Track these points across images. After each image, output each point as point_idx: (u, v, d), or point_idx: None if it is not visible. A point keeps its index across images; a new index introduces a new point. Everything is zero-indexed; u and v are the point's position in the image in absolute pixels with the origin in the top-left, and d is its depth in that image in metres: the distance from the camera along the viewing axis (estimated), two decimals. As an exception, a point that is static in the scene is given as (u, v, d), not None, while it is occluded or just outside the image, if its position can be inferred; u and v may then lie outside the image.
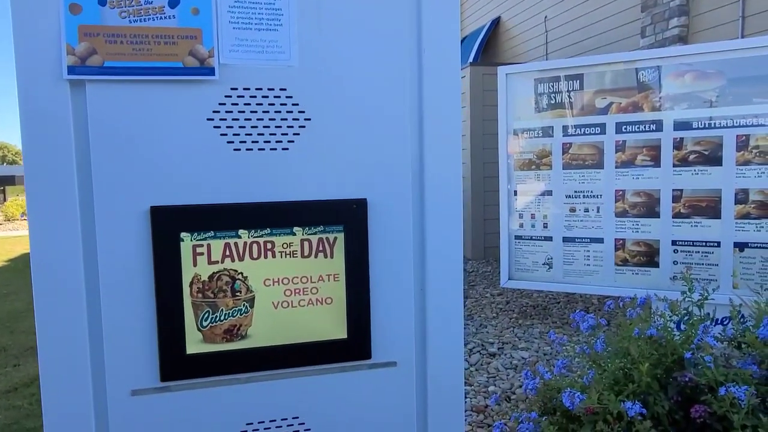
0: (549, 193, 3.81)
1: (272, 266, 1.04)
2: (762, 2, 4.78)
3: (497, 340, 3.67)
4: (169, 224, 0.99)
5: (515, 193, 3.95)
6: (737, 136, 3.17)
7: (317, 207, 1.05)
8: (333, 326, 1.08)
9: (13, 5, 0.92)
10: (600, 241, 3.63)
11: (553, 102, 3.77)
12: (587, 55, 7.19)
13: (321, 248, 1.06)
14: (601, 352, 1.91)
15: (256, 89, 1.01)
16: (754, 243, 3.17)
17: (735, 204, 3.19)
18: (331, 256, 1.07)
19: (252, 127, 1.02)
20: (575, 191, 3.71)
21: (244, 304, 1.03)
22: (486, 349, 3.50)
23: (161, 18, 0.96)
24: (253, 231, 1.03)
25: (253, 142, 1.02)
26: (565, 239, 3.76)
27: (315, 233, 1.05)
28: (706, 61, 3.23)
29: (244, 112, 1.01)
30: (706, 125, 3.26)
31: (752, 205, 3.17)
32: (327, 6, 1.03)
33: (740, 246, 3.19)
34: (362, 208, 1.07)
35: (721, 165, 3.22)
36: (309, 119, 1.04)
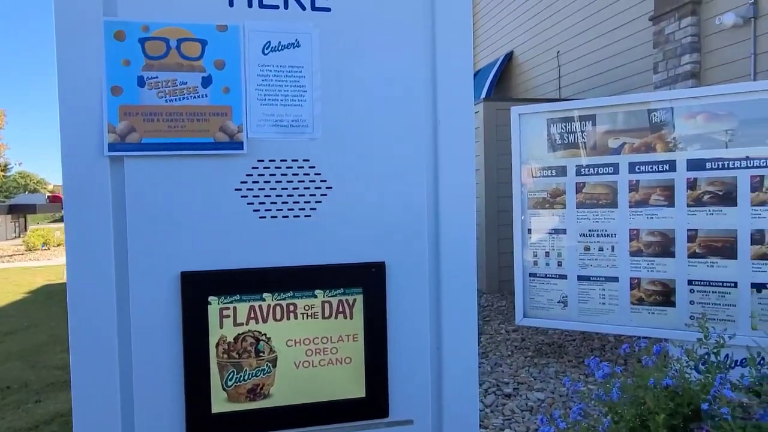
0: (563, 231, 3.84)
1: (294, 327, 1.09)
2: (773, 41, 4.83)
3: (512, 380, 3.65)
4: (198, 289, 1.04)
5: (529, 231, 3.98)
6: (751, 176, 3.18)
7: (338, 270, 1.10)
8: (352, 385, 1.11)
9: (61, 86, 1.00)
10: (615, 280, 3.63)
11: (566, 141, 3.82)
12: (600, 89, 7.26)
13: (341, 309, 1.11)
14: (617, 399, 1.91)
15: (281, 161, 1.08)
16: (772, 284, 3.15)
17: (751, 245, 3.19)
18: (351, 317, 1.11)
19: (277, 196, 1.08)
20: (589, 230, 3.73)
21: (267, 365, 1.08)
22: (501, 389, 3.48)
23: (195, 97, 1.04)
24: (276, 294, 1.08)
25: (277, 210, 1.08)
26: (580, 277, 3.77)
27: (335, 295, 1.10)
28: (718, 102, 3.27)
29: (269, 182, 1.08)
30: (720, 166, 3.28)
31: (769, 246, 3.16)
32: (347, 83, 1.10)
33: (758, 287, 3.17)
34: (380, 270, 1.12)
35: (735, 205, 3.23)
36: (330, 187, 1.10)
